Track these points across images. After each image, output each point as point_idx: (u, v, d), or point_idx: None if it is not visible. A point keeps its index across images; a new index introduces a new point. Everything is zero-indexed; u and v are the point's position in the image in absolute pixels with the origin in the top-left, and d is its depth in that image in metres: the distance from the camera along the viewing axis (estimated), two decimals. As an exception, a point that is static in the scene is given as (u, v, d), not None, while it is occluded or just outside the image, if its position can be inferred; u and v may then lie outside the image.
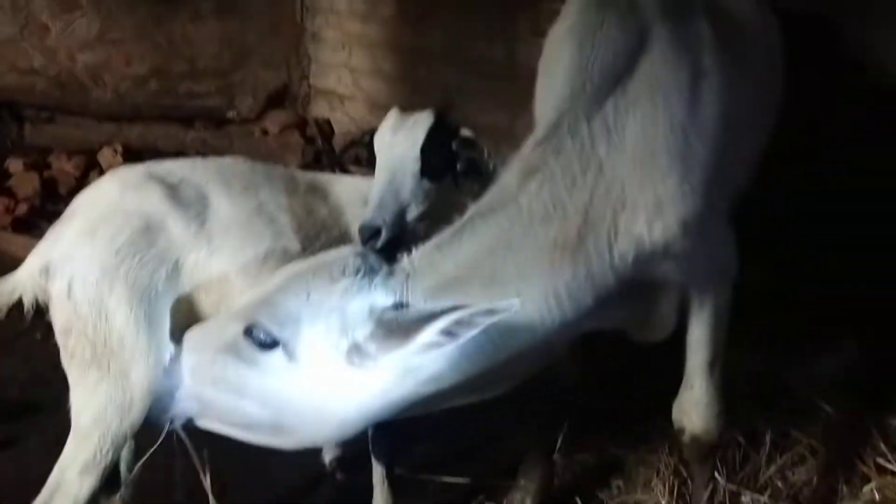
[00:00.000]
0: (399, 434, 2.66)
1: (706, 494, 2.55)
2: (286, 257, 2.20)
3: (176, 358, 1.96)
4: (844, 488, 2.73)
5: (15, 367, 3.62)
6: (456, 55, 5.28)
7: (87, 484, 2.06)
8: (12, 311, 2.18)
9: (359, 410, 1.79)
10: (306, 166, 5.88)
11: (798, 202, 3.33)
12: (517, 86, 4.72)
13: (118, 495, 2.37)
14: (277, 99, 6.72)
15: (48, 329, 3.55)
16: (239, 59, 6.57)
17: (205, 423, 1.94)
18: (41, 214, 5.00)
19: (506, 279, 1.86)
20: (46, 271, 2.13)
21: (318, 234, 2.32)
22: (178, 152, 5.92)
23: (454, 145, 2.40)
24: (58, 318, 2.12)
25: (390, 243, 2.17)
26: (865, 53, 3.26)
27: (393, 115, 2.44)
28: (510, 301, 1.69)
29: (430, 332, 1.64)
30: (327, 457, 2.99)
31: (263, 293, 1.83)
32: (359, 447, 2.72)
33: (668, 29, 2.06)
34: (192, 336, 1.94)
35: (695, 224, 1.97)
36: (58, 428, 2.97)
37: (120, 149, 5.69)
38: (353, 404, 1.78)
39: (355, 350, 1.72)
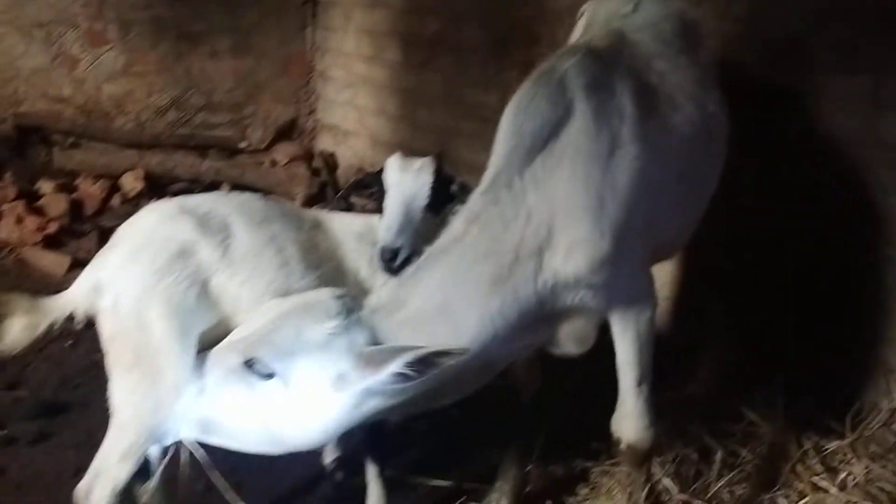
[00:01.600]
0: (390, 438, 2.95)
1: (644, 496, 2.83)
2: (287, 285, 2.50)
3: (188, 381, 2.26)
4: (784, 502, 3.01)
5: (48, 371, 3.86)
6: (453, 99, 5.52)
7: (125, 469, 2.30)
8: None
9: (337, 422, 2.17)
10: (311, 196, 6.17)
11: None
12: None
13: (149, 484, 2.58)
14: (286, 132, 6.99)
15: (77, 337, 3.91)
16: (252, 94, 6.85)
17: (207, 439, 2.27)
18: (69, 233, 5.22)
19: (452, 308, 2.22)
20: (96, 289, 2.39)
21: (317, 266, 2.62)
22: (194, 179, 6.20)
23: (453, 188, 2.80)
24: (105, 328, 2.38)
25: (404, 262, 2.53)
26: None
27: (398, 158, 2.82)
28: (461, 347, 2.10)
29: (398, 365, 2.02)
30: (328, 458, 3.25)
31: (261, 330, 2.17)
32: (356, 450, 2.99)
33: (591, 104, 2.36)
34: (200, 362, 2.27)
35: (602, 263, 2.31)
36: (86, 425, 3.35)
37: (141, 174, 5.88)
38: (333, 418, 2.15)
39: (339, 378, 2.10)
